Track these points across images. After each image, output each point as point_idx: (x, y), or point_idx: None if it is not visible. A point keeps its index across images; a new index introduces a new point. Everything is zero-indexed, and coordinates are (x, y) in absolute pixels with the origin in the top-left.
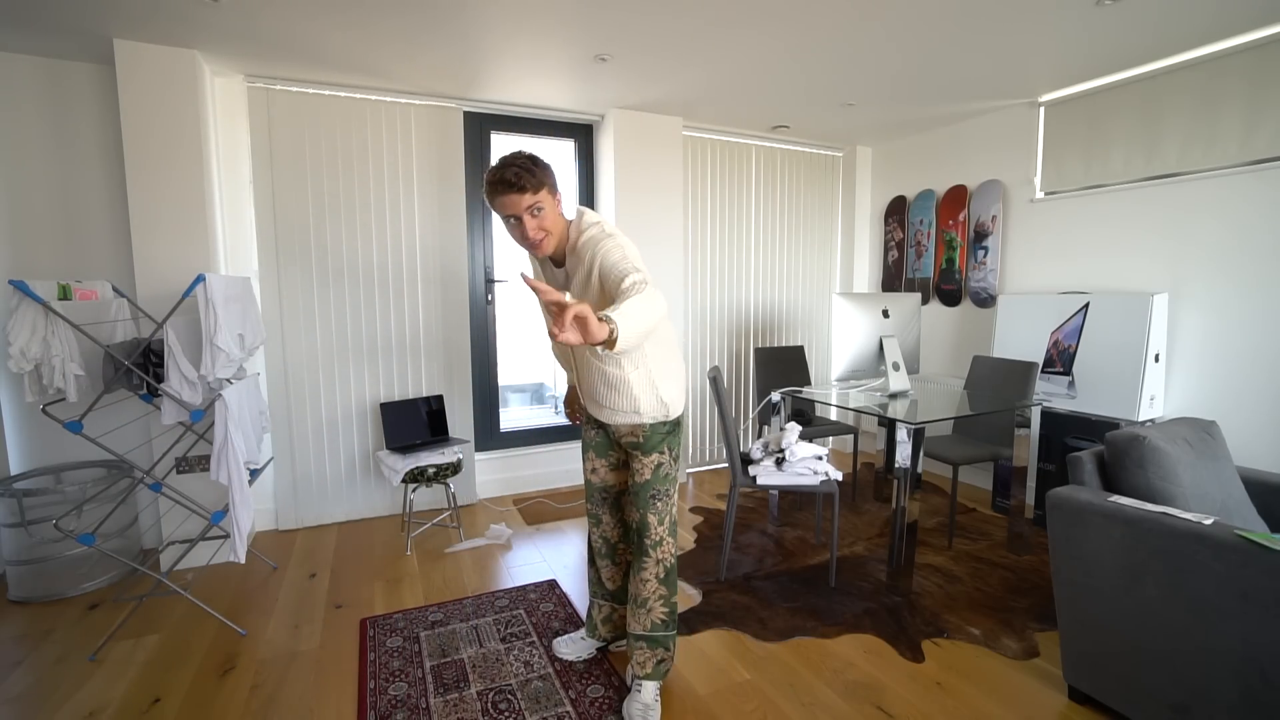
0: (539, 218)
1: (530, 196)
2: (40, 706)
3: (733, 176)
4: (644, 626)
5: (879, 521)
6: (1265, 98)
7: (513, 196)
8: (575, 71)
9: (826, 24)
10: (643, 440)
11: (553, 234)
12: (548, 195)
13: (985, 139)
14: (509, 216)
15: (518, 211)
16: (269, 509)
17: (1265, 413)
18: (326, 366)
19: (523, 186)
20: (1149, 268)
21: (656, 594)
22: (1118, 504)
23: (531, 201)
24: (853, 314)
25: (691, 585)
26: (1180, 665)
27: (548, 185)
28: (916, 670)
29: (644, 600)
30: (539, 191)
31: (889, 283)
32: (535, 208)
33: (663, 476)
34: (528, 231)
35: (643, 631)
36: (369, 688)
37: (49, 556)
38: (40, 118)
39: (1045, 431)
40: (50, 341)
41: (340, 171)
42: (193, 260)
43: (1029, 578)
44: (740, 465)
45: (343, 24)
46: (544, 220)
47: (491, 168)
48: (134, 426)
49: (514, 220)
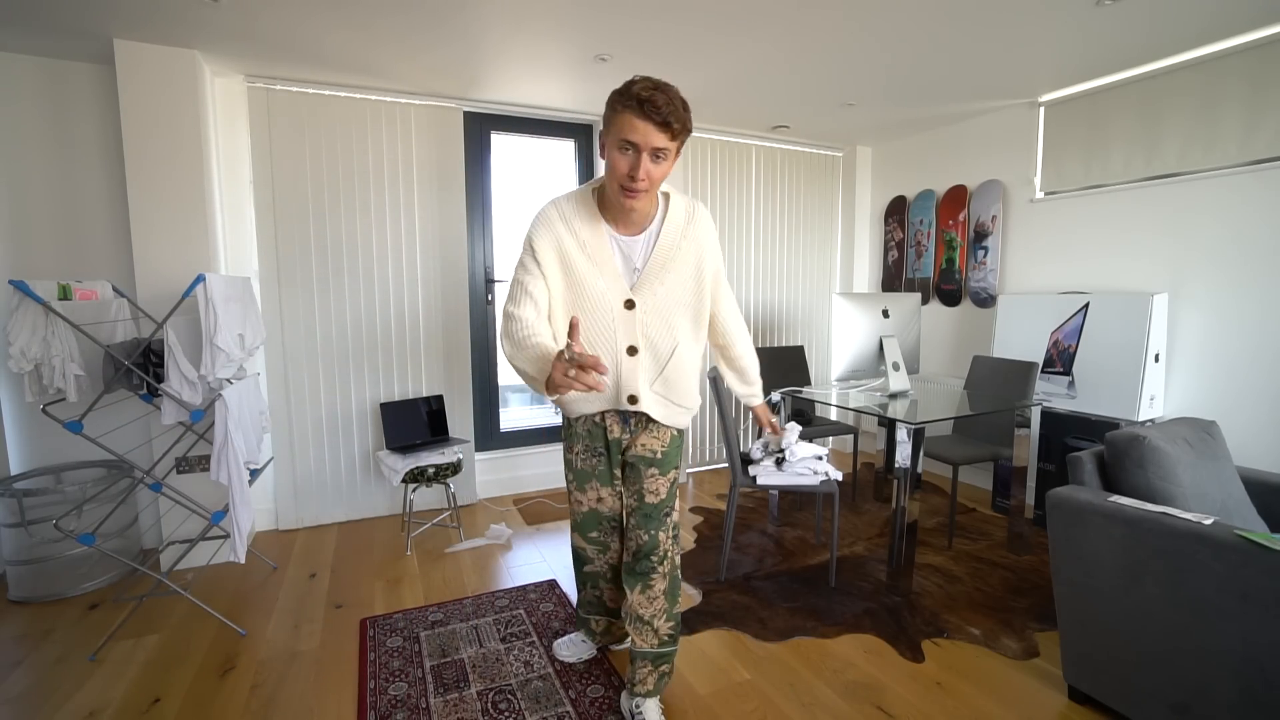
0: (656, 165)
1: (668, 141)
2: (40, 706)
3: (733, 176)
4: (652, 644)
5: (879, 521)
6: (1265, 98)
7: (650, 125)
8: (575, 71)
9: (827, 25)
10: (663, 456)
11: (651, 195)
12: (678, 149)
13: (985, 139)
14: (627, 144)
15: (644, 144)
16: (269, 509)
17: (1265, 413)
18: (326, 366)
19: (669, 124)
20: (1149, 268)
21: (664, 611)
22: (1118, 504)
23: (663, 145)
24: (853, 314)
25: (691, 585)
26: (1180, 665)
27: (683, 139)
28: (916, 670)
29: (651, 618)
30: (676, 139)
31: (889, 283)
32: (662, 153)
33: (674, 492)
34: (639, 170)
35: (651, 649)
36: (369, 688)
37: (49, 556)
38: (40, 118)
39: (1045, 431)
40: (50, 341)
41: (340, 171)
42: (193, 260)
43: (1029, 578)
44: (740, 465)
45: (343, 23)
46: (659, 171)
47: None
48: (134, 426)
49: (628, 149)
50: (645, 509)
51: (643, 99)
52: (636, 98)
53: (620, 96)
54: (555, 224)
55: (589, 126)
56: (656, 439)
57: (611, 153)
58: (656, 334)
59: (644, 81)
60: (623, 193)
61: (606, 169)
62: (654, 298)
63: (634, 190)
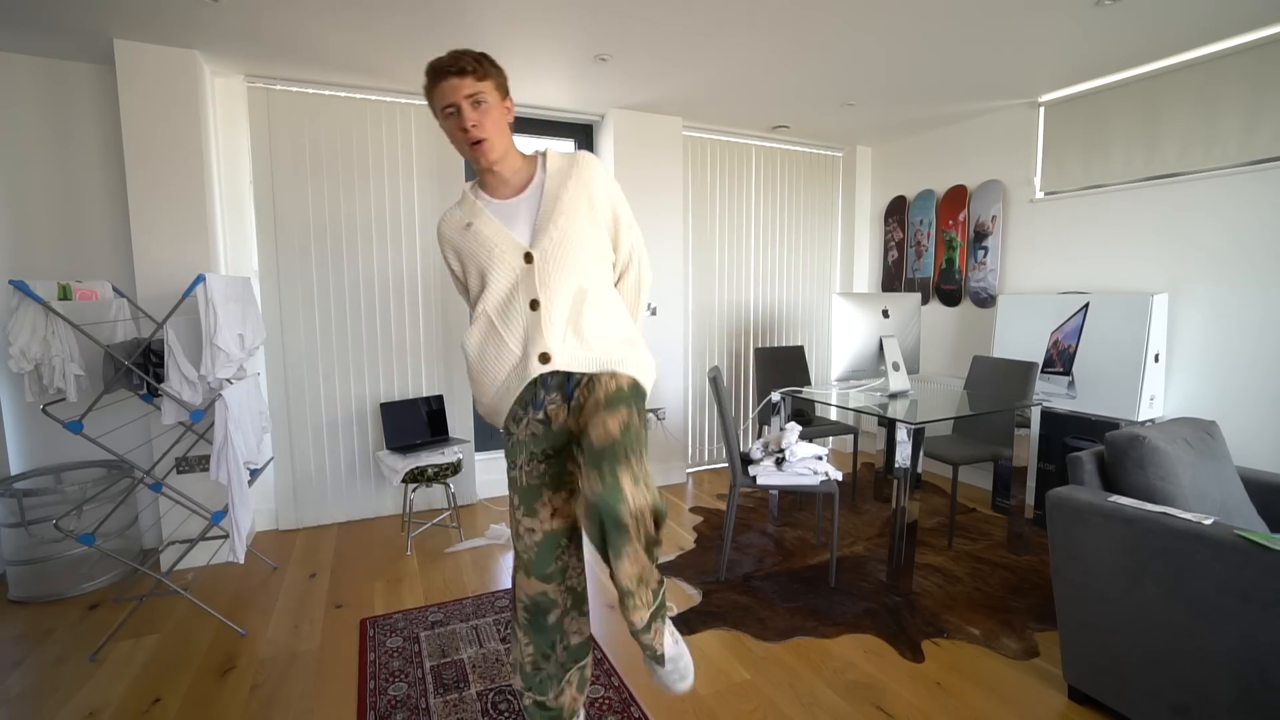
0: (480, 111)
1: (472, 83)
2: (40, 706)
3: (733, 176)
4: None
5: (879, 521)
6: (1265, 98)
7: (451, 81)
8: (575, 71)
9: (827, 25)
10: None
11: (496, 143)
12: (494, 90)
13: (985, 139)
14: (447, 108)
15: (455, 99)
16: (269, 509)
17: (1265, 413)
18: (326, 366)
19: (462, 69)
20: (1149, 268)
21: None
22: (1118, 504)
23: (473, 90)
24: (853, 314)
25: (691, 585)
26: (1180, 665)
27: (493, 79)
28: (916, 670)
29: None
30: (483, 81)
31: (889, 283)
32: (477, 98)
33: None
34: (465, 122)
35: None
36: (369, 688)
37: (49, 556)
38: (40, 118)
39: (1045, 431)
40: (50, 341)
41: (340, 171)
42: (193, 260)
43: (1029, 578)
44: (740, 465)
45: (342, 23)
46: (486, 117)
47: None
48: (134, 426)
49: (451, 110)
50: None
51: (434, 66)
52: (430, 69)
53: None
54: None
55: (589, 126)
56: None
57: (445, 127)
58: (556, 281)
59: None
60: (472, 150)
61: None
62: (550, 244)
63: (477, 139)
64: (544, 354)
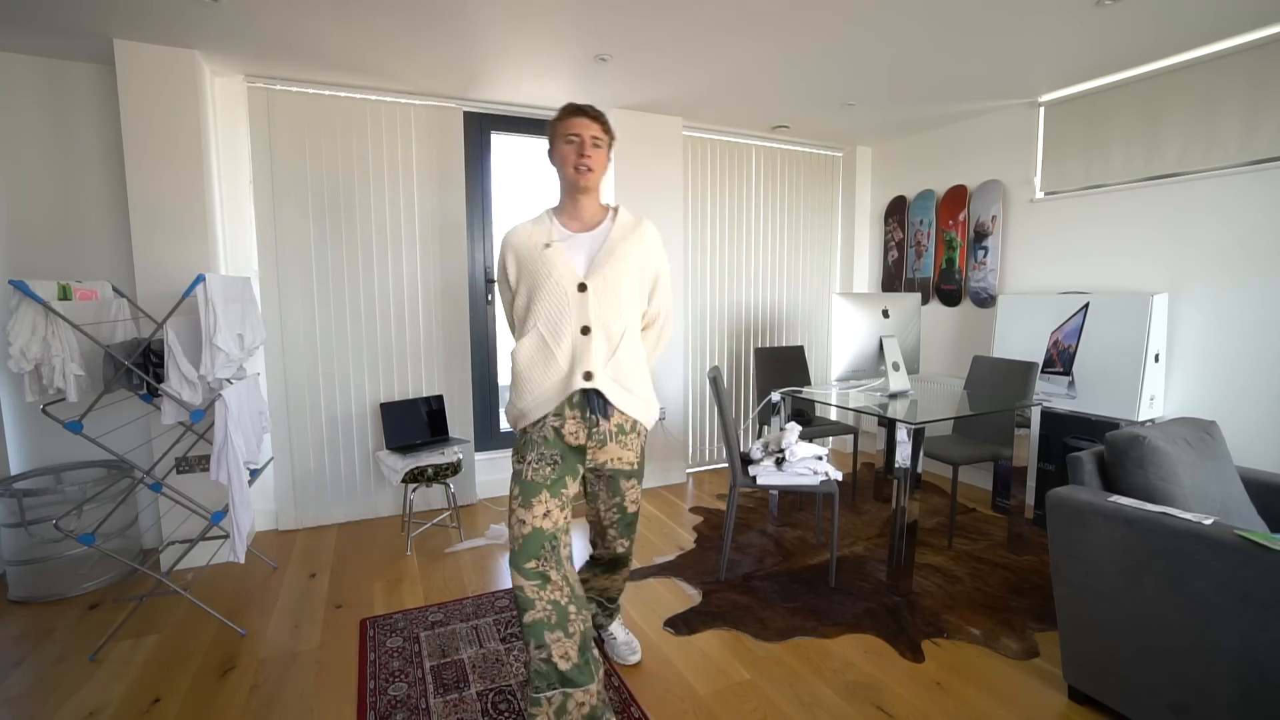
0: (596, 153)
1: (599, 129)
2: (40, 706)
3: (733, 176)
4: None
5: (879, 521)
6: (1265, 98)
7: (586, 121)
8: (575, 71)
9: (827, 26)
10: (638, 466)
11: (596, 176)
12: (607, 143)
13: (985, 139)
14: (572, 135)
15: (584, 134)
16: (269, 509)
17: (1265, 413)
18: (326, 366)
19: (598, 118)
20: (1149, 268)
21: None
22: (1118, 504)
23: (598, 134)
24: (853, 314)
25: (691, 585)
26: (1180, 665)
27: (610, 136)
28: (916, 670)
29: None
30: (605, 133)
31: (889, 283)
32: (598, 140)
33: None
34: (584, 149)
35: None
36: (369, 688)
37: (49, 556)
38: (40, 118)
39: (1045, 431)
40: (50, 341)
41: (340, 171)
42: (193, 260)
43: (1029, 578)
44: (740, 465)
45: (342, 23)
46: (598, 158)
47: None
48: (134, 426)
49: (575, 139)
50: (628, 518)
51: (576, 106)
52: (570, 108)
53: (560, 112)
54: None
55: None
56: (629, 450)
57: (560, 148)
58: (607, 314)
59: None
60: (579, 173)
61: (559, 165)
62: (604, 281)
63: (586, 167)
64: (588, 373)
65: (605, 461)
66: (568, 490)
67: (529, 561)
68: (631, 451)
